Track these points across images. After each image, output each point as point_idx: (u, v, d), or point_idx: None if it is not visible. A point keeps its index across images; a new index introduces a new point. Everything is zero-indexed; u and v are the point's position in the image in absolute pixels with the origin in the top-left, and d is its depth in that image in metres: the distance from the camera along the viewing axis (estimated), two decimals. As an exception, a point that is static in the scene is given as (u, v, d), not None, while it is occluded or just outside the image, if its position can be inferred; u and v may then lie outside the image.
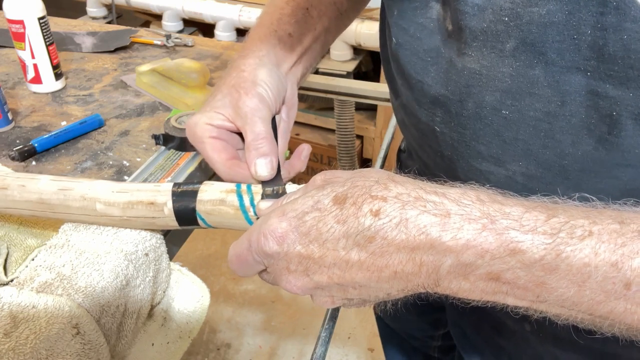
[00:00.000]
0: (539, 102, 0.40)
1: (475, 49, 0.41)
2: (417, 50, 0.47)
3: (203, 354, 1.64)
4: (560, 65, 0.37)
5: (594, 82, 0.37)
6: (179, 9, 1.78)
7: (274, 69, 0.53)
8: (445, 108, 0.46)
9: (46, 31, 0.83)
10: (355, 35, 1.62)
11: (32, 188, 0.48)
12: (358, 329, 1.72)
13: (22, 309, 0.42)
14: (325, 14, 0.61)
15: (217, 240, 2.05)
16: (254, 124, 0.48)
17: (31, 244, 0.51)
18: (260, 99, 0.50)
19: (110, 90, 0.88)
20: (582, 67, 0.37)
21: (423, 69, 0.47)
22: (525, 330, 0.58)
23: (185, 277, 0.56)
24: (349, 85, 1.29)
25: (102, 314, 0.45)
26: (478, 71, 0.42)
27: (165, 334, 0.54)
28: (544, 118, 0.40)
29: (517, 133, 0.42)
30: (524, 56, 0.39)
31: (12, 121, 0.76)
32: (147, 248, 0.50)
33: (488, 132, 0.43)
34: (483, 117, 0.43)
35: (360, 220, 0.33)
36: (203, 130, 0.50)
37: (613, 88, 0.36)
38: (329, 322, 0.55)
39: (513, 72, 0.40)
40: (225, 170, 0.49)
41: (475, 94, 0.42)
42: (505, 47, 0.39)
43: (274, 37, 0.57)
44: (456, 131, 0.46)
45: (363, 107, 1.84)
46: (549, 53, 0.38)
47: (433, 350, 0.96)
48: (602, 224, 0.31)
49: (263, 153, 0.47)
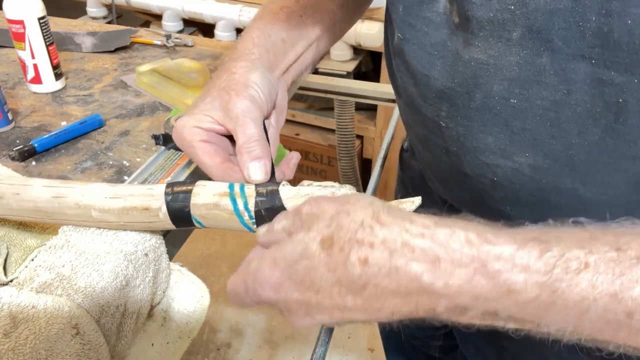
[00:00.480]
0: (546, 90, 0.40)
1: (482, 39, 0.41)
2: (424, 45, 0.47)
3: (203, 354, 1.64)
4: (566, 52, 0.38)
5: (598, 70, 0.37)
6: (179, 9, 1.78)
7: (266, 73, 0.53)
8: (452, 101, 0.46)
9: (46, 31, 0.83)
10: (355, 35, 1.62)
11: (27, 196, 0.48)
12: (358, 329, 1.72)
13: (21, 309, 0.42)
14: (320, 22, 0.61)
15: (217, 240, 2.05)
16: (246, 125, 0.47)
17: (31, 244, 0.51)
18: (251, 101, 0.49)
19: (110, 90, 0.88)
20: (587, 54, 0.37)
21: (429, 62, 0.47)
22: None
23: (185, 277, 0.56)
24: (349, 85, 1.29)
25: (102, 314, 0.45)
26: (485, 61, 0.42)
27: (165, 334, 0.54)
28: (551, 107, 0.40)
29: (525, 122, 0.42)
30: (530, 44, 0.39)
31: (12, 121, 0.76)
32: (146, 248, 0.50)
33: (496, 122, 0.44)
34: (491, 107, 0.43)
35: (349, 269, 0.33)
36: (192, 134, 0.49)
37: (618, 75, 0.36)
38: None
39: (520, 61, 0.40)
40: (220, 174, 0.48)
41: (483, 84, 0.43)
42: (512, 36, 0.40)
43: (267, 42, 0.56)
44: (462, 125, 0.46)
45: (363, 107, 1.83)
46: (555, 40, 0.38)
47: (434, 350, 0.96)
48: (598, 253, 0.30)
49: (256, 156, 0.46)
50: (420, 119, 0.51)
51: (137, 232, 0.50)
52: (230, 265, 1.95)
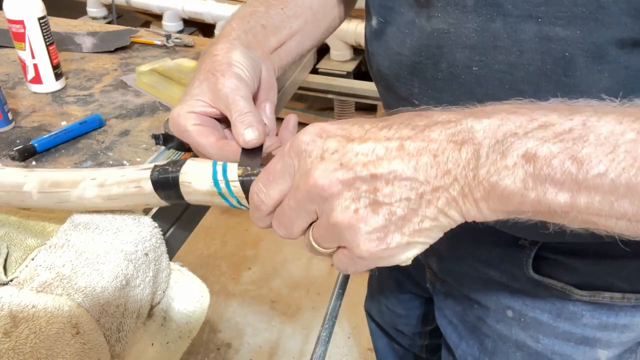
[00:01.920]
0: (502, 54, 0.43)
1: (441, 9, 0.45)
2: (399, 25, 0.50)
3: (203, 354, 1.64)
4: (516, 15, 0.41)
5: (545, 28, 0.40)
6: (179, 9, 1.78)
7: (246, 51, 0.53)
8: (422, 75, 0.49)
9: (46, 31, 0.83)
10: (355, 35, 1.62)
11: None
12: (358, 329, 1.72)
13: (22, 309, 0.42)
14: (301, 16, 0.62)
15: (217, 240, 2.05)
16: (236, 103, 0.48)
17: (31, 244, 0.51)
18: (237, 79, 0.49)
19: (110, 90, 0.88)
20: (534, 14, 0.40)
21: (402, 41, 0.50)
22: (508, 316, 0.62)
23: (185, 277, 0.56)
24: (349, 85, 1.29)
25: (102, 313, 0.45)
26: (446, 30, 0.45)
27: (165, 334, 0.54)
28: (507, 70, 0.43)
29: (487, 88, 0.45)
30: (484, 10, 0.42)
31: (12, 121, 0.76)
32: (147, 248, 0.50)
33: (463, 91, 0.46)
34: (457, 75, 0.46)
35: (402, 128, 0.33)
36: (186, 120, 0.50)
37: (562, 29, 0.39)
38: (329, 322, 0.55)
39: (477, 27, 0.43)
40: (216, 151, 0.48)
41: (447, 53, 0.46)
42: (467, 3, 0.43)
43: (245, 26, 0.57)
44: (433, 98, 0.49)
45: (363, 107, 1.84)
46: (505, 4, 0.41)
47: (421, 350, 0.98)
48: (619, 108, 0.31)
49: (249, 123, 0.47)
50: (396, 101, 0.54)
51: (137, 232, 0.50)
52: (230, 265, 1.95)
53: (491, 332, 0.65)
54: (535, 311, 0.60)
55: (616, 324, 0.57)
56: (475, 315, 0.66)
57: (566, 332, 0.59)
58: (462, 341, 0.69)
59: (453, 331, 0.71)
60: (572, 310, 0.58)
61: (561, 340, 0.59)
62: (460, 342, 0.70)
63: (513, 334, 0.62)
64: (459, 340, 0.70)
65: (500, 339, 0.64)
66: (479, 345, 0.67)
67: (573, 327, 0.58)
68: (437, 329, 0.76)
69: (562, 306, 0.58)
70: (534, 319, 0.60)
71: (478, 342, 0.67)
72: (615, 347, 0.59)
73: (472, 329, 0.67)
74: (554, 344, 0.60)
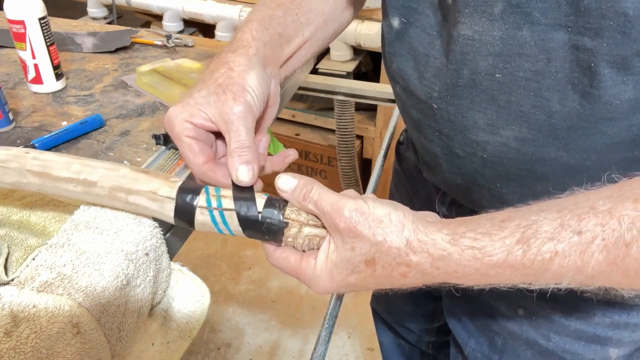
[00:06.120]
0: (528, 62, 0.43)
1: (467, 15, 0.45)
2: (425, 26, 0.51)
3: (203, 354, 1.64)
4: (545, 24, 0.41)
5: (574, 37, 0.40)
6: (180, 10, 1.78)
7: (262, 73, 0.53)
8: (443, 80, 0.49)
9: (47, 31, 0.83)
10: (355, 36, 1.62)
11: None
12: (358, 329, 1.72)
13: (22, 309, 0.42)
14: (313, 22, 0.63)
15: (217, 240, 2.05)
16: (239, 132, 0.48)
17: (32, 244, 0.51)
18: (246, 107, 0.49)
19: (110, 90, 0.89)
20: (564, 23, 0.40)
21: (430, 43, 0.50)
22: (519, 315, 0.62)
23: (186, 276, 0.56)
24: (349, 85, 1.29)
25: (103, 313, 0.45)
26: (471, 37, 0.45)
27: (166, 334, 0.54)
28: (533, 77, 0.43)
29: (510, 95, 0.45)
30: (512, 18, 0.42)
31: (12, 121, 0.76)
32: (147, 248, 0.50)
33: (483, 98, 0.47)
34: (478, 83, 0.46)
35: (393, 281, 0.43)
36: (182, 128, 0.50)
37: (590, 40, 0.40)
38: (329, 322, 0.56)
39: (503, 35, 0.43)
40: (200, 173, 0.50)
41: (470, 60, 0.46)
42: (494, 11, 0.43)
43: (265, 35, 0.57)
44: (452, 104, 0.49)
45: (363, 107, 1.84)
46: (534, 13, 0.41)
47: (427, 347, 0.98)
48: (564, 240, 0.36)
49: (246, 160, 0.47)
50: (414, 102, 0.54)
51: (138, 232, 0.50)
52: (230, 265, 1.95)
53: (501, 330, 0.64)
54: (547, 310, 0.59)
55: (628, 323, 0.57)
56: (485, 313, 0.66)
57: (577, 331, 0.58)
58: (471, 339, 0.69)
59: (462, 329, 0.71)
60: (584, 309, 0.57)
61: (572, 338, 0.59)
62: (470, 340, 0.70)
63: (523, 332, 0.62)
64: (468, 337, 0.70)
65: (510, 336, 0.64)
66: (489, 343, 0.67)
67: (584, 326, 0.58)
68: (444, 325, 0.76)
69: (574, 305, 0.58)
70: (545, 318, 0.60)
71: (487, 339, 0.67)
72: (626, 346, 0.59)
73: (482, 326, 0.67)
74: (564, 343, 0.60)
